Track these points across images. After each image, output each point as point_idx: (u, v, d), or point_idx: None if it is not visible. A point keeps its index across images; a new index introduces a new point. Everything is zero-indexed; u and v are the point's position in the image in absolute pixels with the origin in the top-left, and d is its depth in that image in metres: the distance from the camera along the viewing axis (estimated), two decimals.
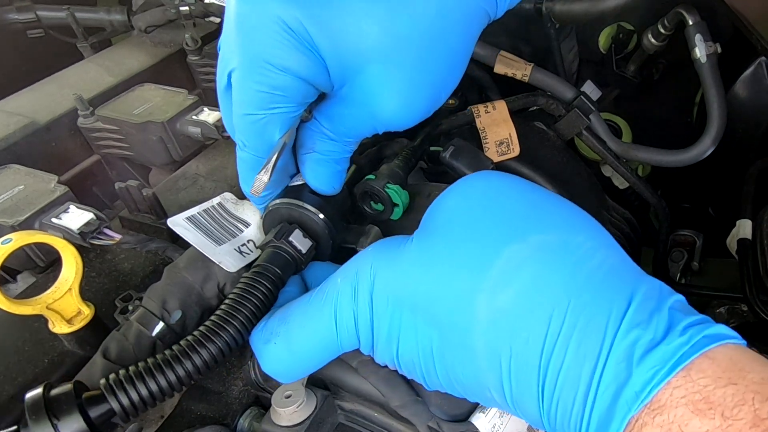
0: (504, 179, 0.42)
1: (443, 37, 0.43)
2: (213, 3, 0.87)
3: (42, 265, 0.63)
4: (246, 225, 0.56)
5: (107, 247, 0.63)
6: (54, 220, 0.59)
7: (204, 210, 0.56)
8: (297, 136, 0.49)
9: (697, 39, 0.74)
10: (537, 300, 0.34)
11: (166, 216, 0.64)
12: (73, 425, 0.37)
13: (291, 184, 0.51)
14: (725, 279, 0.89)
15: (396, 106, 0.44)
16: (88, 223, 0.58)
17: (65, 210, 0.60)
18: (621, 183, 0.94)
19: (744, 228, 0.80)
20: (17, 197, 0.61)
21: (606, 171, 0.96)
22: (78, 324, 0.49)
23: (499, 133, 0.71)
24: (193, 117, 0.74)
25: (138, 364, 0.40)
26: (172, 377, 0.39)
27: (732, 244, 0.81)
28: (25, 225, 0.59)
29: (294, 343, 0.42)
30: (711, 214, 1.04)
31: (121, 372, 0.39)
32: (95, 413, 0.38)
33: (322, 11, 0.40)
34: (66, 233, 0.58)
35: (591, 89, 1.04)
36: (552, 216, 0.38)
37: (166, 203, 0.66)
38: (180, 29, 0.97)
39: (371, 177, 0.55)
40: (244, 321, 0.42)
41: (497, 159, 0.71)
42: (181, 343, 0.40)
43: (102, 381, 0.39)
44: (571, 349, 0.32)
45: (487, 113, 0.73)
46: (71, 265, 0.47)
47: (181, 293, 0.51)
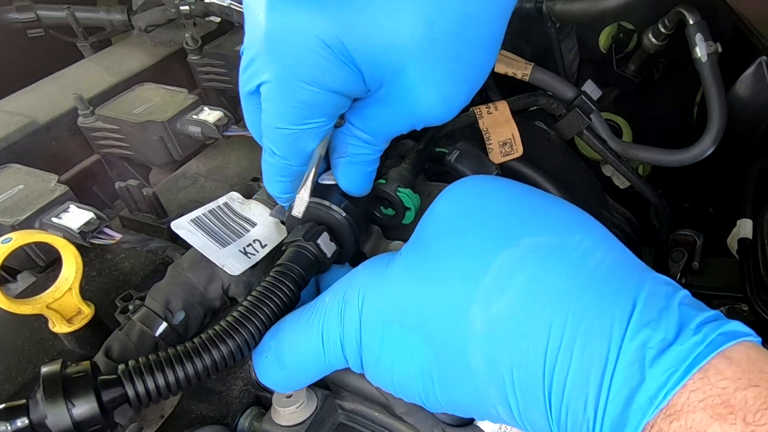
0: (494, 182, 0.41)
1: (474, 22, 0.41)
2: (213, 3, 0.87)
3: (42, 265, 0.62)
4: (252, 225, 0.56)
5: (107, 247, 0.63)
6: (54, 219, 0.59)
7: (209, 211, 0.56)
8: (330, 140, 0.49)
9: (698, 38, 0.74)
10: (535, 305, 0.33)
11: (166, 215, 0.64)
12: (87, 408, 0.36)
13: (320, 181, 0.50)
14: (725, 279, 0.89)
15: (435, 100, 0.43)
16: (88, 223, 0.58)
17: (65, 209, 0.60)
18: (621, 183, 0.95)
19: (744, 227, 0.80)
20: (17, 197, 0.61)
21: (606, 171, 0.96)
22: (78, 323, 0.49)
23: (502, 134, 0.71)
24: (194, 116, 0.73)
25: (158, 353, 0.39)
26: (190, 370, 0.38)
27: (732, 243, 0.81)
28: (25, 224, 0.58)
29: (284, 359, 0.41)
30: (711, 213, 1.04)
31: (141, 359, 0.39)
32: (108, 397, 0.37)
33: (355, 20, 0.38)
34: (66, 233, 0.57)
35: (591, 89, 1.04)
36: (546, 217, 0.37)
37: (166, 203, 0.66)
38: (180, 29, 0.97)
39: (381, 181, 0.54)
40: (264, 320, 0.42)
41: (501, 160, 0.71)
42: (202, 336, 0.40)
43: (120, 366, 0.39)
44: (576, 354, 0.31)
45: (489, 114, 0.73)
46: (71, 265, 0.47)
47: (185, 294, 0.51)
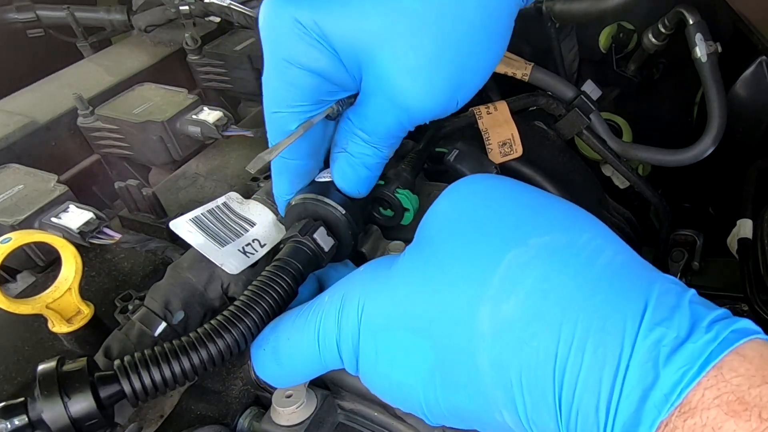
0: (495, 181, 0.40)
1: (458, 11, 0.41)
2: (213, 3, 0.87)
3: (42, 265, 0.62)
4: (251, 224, 0.56)
5: (107, 247, 0.63)
6: (54, 219, 0.59)
7: (208, 210, 0.56)
8: (333, 135, 0.50)
9: (698, 38, 0.74)
10: (544, 305, 0.32)
11: (166, 215, 0.64)
12: (83, 404, 0.36)
13: (317, 179, 0.51)
14: (726, 278, 0.88)
15: (413, 85, 0.42)
16: (87, 223, 0.58)
17: (65, 209, 0.60)
18: (621, 182, 0.94)
19: (744, 227, 0.79)
20: (17, 196, 0.61)
21: (606, 170, 0.96)
22: (77, 323, 0.49)
23: (502, 134, 0.71)
24: (193, 116, 0.73)
25: (154, 348, 0.39)
26: (186, 364, 0.38)
27: (732, 243, 0.81)
28: (25, 224, 0.58)
29: (281, 354, 0.41)
30: (711, 213, 1.04)
31: (137, 354, 0.39)
32: (105, 393, 0.37)
33: (327, 4, 0.41)
34: (66, 232, 0.57)
35: (591, 89, 1.04)
36: (552, 216, 0.36)
37: (166, 203, 0.66)
38: (180, 29, 0.97)
39: (380, 182, 0.54)
40: (261, 314, 0.41)
41: (501, 160, 0.71)
42: (199, 331, 0.40)
43: (116, 362, 0.39)
44: (588, 354, 0.30)
45: (489, 114, 0.73)
46: (71, 265, 0.47)
47: (184, 294, 0.51)
